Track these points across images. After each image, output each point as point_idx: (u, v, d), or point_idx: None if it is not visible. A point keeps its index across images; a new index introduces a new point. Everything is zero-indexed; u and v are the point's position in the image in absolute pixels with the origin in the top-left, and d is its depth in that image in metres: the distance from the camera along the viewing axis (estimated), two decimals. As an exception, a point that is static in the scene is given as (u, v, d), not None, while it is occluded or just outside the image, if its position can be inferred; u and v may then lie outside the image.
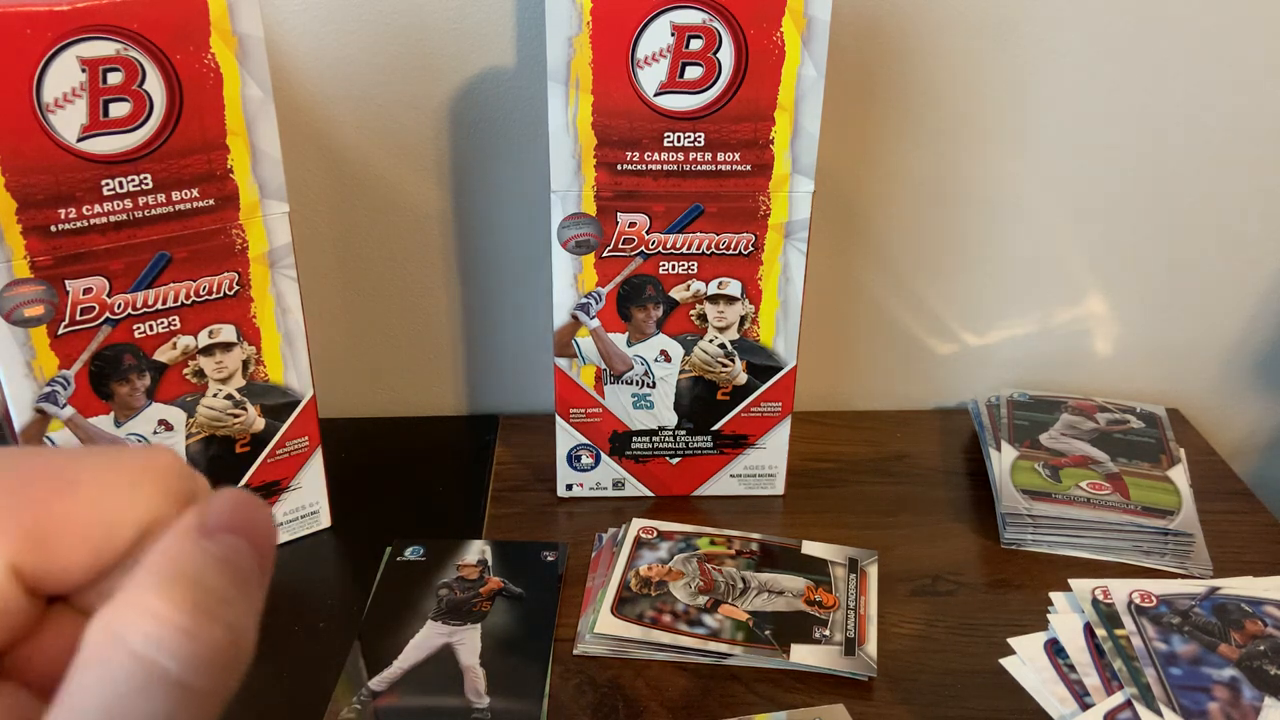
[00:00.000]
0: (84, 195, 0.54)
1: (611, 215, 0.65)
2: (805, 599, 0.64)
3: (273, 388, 0.65)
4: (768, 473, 0.75)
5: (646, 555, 0.67)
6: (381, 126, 0.75)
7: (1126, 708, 0.56)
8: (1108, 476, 0.74)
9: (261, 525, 0.20)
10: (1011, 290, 0.84)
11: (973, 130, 0.78)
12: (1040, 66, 0.75)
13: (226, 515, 0.19)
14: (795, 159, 0.63)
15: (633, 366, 0.70)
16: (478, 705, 0.57)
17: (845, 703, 0.57)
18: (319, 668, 0.59)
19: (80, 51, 0.51)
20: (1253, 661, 0.58)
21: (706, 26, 0.59)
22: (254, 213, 0.60)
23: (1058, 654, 0.61)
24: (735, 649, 0.60)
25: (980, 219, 0.81)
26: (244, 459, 0.66)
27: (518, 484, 0.77)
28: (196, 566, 0.18)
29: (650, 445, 0.73)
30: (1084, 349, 0.87)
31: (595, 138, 0.62)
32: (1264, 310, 0.86)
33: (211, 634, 0.18)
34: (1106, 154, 0.79)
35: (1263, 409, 0.91)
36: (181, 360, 0.61)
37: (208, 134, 0.57)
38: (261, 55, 0.57)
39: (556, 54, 0.60)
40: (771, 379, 0.71)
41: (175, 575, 0.18)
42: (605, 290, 0.67)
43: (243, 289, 0.61)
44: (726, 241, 0.66)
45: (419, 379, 0.86)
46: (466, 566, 0.67)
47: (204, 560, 0.18)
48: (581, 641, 0.61)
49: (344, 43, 0.72)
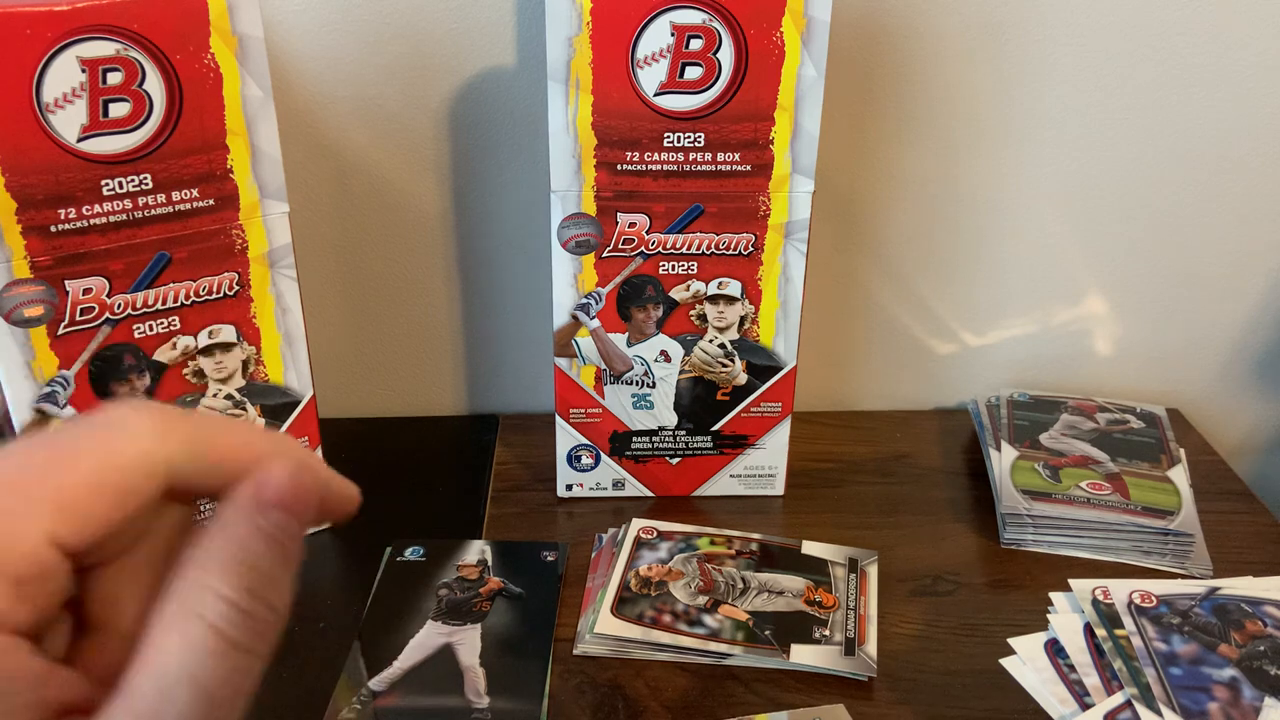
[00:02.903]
0: (84, 195, 0.54)
1: (611, 215, 0.65)
2: (805, 599, 0.64)
3: (273, 388, 0.65)
4: (768, 473, 0.75)
5: (646, 555, 0.67)
6: (381, 126, 0.75)
7: (1126, 708, 0.56)
8: (1108, 476, 0.74)
9: (308, 494, 0.23)
10: (1011, 290, 0.84)
11: (973, 130, 0.78)
12: (1040, 66, 0.75)
13: (281, 490, 0.22)
14: (795, 159, 0.63)
15: (633, 366, 0.70)
16: (478, 705, 0.57)
17: (845, 703, 0.57)
18: (319, 668, 0.60)
19: (80, 51, 0.51)
20: (1253, 661, 0.58)
21: (706, 26, 0.59)
22: (254, 213, 0.60)
23: (1058, 654, 0.61)
24: (735, 649, 0.60)
25: (980, 219, 0.81)
26: (244, 459, 0.66)
27: (518, 484, 0.77)
28: (251, 551, 0.22)
29: (650, 445, 0.73)
30: (1084, 349, 0.87)
31: (595, 138, 0.62)
32: (1264, 310, 0.86)
33: (261, 610, 0.21)
34: (1106, 154, 0.79)
35: (1263, 409, 0.91)
36: (181, 360, 0.61)
37: (208, 134, 0.57)
38: (261, 55, 0.57)
39: (556, 54, 0.60)
40: (771, 379, 0.71)
41: (235, 558, 0.21)
42: (605, 290, 0.67)
43: (243, 289, 0.61)
44: (726, 241, 0.66)
45: (419, 379, 0.86)
46: (466, 566, 0.67)
47: (257, 545, 0.22)
48: (581, 641, 0.61)
49: (344, 43, 0.72)
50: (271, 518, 0.22)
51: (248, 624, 0.21)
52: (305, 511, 0.23)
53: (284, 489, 0.22)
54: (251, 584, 0.21)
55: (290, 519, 0.22)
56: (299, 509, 0.22)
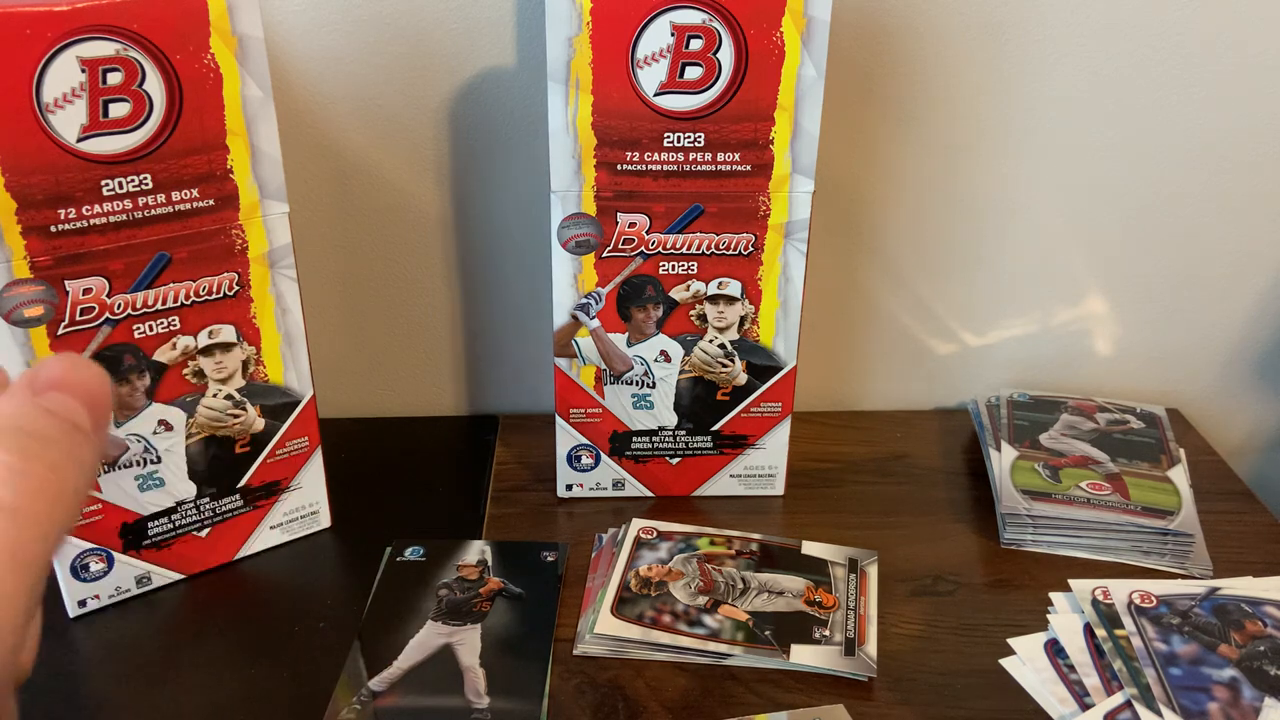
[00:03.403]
0: (84, 195, 0.54)
1: (611, 215, 0.65)
2: (805, 599, 0.64)
3: (273, 388, 0.65)
4: (767, 473, 0.75)
5: (646, 555, 0.67)
6: (381, 126, 0.75)
7: (1126, 708, 0.56)
8: (1108, 477, 0.74)
9: (87, 381, 0.24)
10: (1011, 290, 0.84)
11: (973, 130, 0.78)
12: (1040, 66, 0.75)
13: (55, 377, 0.24)
14: (795, 159, 0.63)
15: (633, 367, 0.70)
16: (478, 705, 0.57)
17: (845, 703, 0.57)
18: (319, 668, 0.60)
19: (80, 51, 0.51)
20: (1253, 662, 0.58)
21: (706, 26, 0.59)
22: (254, 213, 0.60)
23: (1058, 654, 0.61)
24: (735, 649, 0.60)
25: (980, 219, 0.81)
26: (244, 459, 0.66)
27: (518, 484, 0.77)
28: (24, 417, 0.23)
29: (650, 445, 0.73)
30: (1084, 349, 0.87)
31: (595, 138, 0.62)
32: (1264, 310, 0.86)
33: (36, 470, 0.22)
34: (1107, 153, 0.79)
35: (1263, 409, 0.91)
36: (181, 360, 0.61)
37: (208, 134, 0.57)
38: (261, 55, 0.57)
39: (556, 54, 0.60)
40: (771, 379, 0.71)
41: (5, 426, 0.22)
42: (605, 290, 0.67)
43: (243, 289, 0.61)
44: (726, 241, 0.66)
45: (419, 379, 0.86)
46: (466, 567, 0.67)
47: (32, 412, 0.23)
48: (581, 642, 0.61)
49: (344, 43, 0.72)
50: (51, 398, 0.23)
51: (22, 483, 0.21)
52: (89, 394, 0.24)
53: (57, 375, 0.24)
54: (26, 445, 0.22)
55: (73, 401, 0.23)
56: (81, 391, 0.24)
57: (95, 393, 0.24)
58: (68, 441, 0.23)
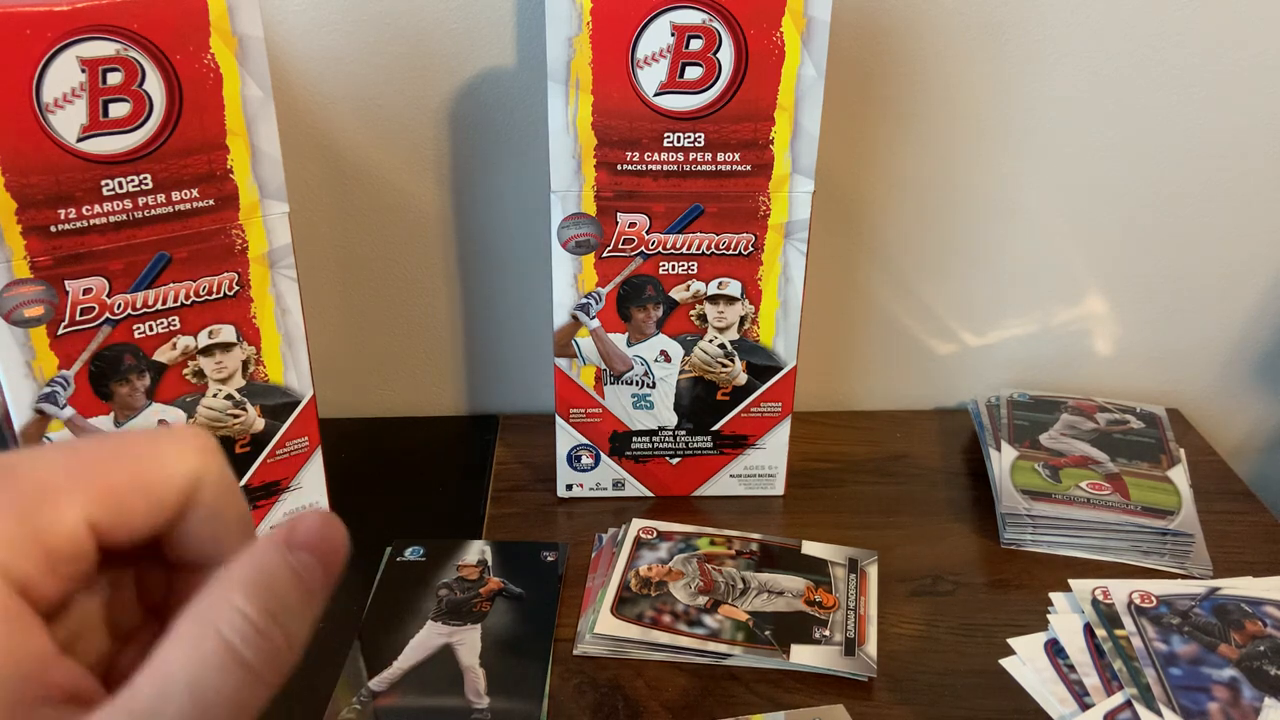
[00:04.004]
0: (84, 195, 0.54)
1: (611, 215, 0.65)
2: (805, 599, 0.64)
3: (273, 388, 0.65)
4: (767, 473, 0.75)
5: (646, 555, 0.67)
6: (381, 126, 0.75)
7: (1126, 708, 0.56)
8: (1108, 477, 0.74)
9: (336, 548, 0.23)
10: (1011, 290, 0.84)
11: (973, 130, 0.78)
12: (1040, 66, 0.75)
13: (311, 535, 0.23)
14: (795, 159, 0.63)
15: (633, 367, 0.70)
16: (478, 705, 0.57)
17: (845, 703, 0.57)
18: (319, 668, 0.60)
19: (80, 52, 0.51)
20: (1253, 662, 0.58)
21: (706, 27, 0.59)
22: (254, 213, 0.60)
23: (1058, 654, 0.61)
24: (735, 649, 0.60)
25: (980, 219, 0.81)
26: (244, 459, 0.66)
27: (518, 484, 0.77)
28: (277, 578, 0.22)
29: (650, 445, 0.73)
30: (1084, 349, 0.87)
31: (595, 138, 0.62)
32: (1264, 311, 0.86)
33: (275, 635, 0.22)
34: (1106, 154, 0.79)
35: (1263, 409, 0.91)
36: (181, 360, 0.61)
37: (208, 134, 0.57)
38: (261, 55, 0.57)
39: (556, 54, 0.60)
40: (771, 379, 0.71)
41: (260, 582, 0.22)
42: (605, 290, 0.67)
43: (242, 289, 0.61)
44: (726, 241, 0.66)
45: (419, 379, 0.86)
46: (466, 567, 0.67)
47: (284, 574, 0.22)
48: (581, 642, 0.61)
49: (344, 43, 0.72)
50: (300, 558, 0.23)
51: (261, 645, 0.21)
52: (331, 559, 0.23)
53: (314, 533, 0.23)
54: (272, 608, 0.22)
55: (317, 564, 0.23)
56: (326, 554, 0.23)
57: (338, 558, 0.24)
58: (306, 610, 0.23)
